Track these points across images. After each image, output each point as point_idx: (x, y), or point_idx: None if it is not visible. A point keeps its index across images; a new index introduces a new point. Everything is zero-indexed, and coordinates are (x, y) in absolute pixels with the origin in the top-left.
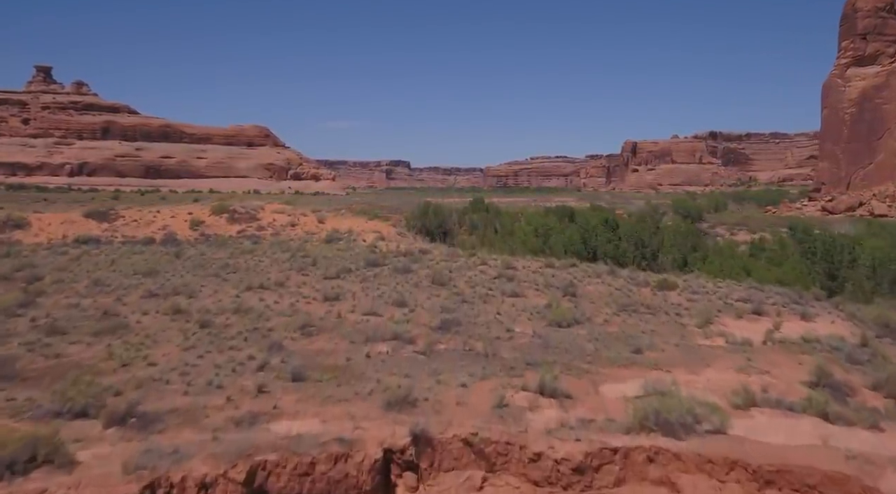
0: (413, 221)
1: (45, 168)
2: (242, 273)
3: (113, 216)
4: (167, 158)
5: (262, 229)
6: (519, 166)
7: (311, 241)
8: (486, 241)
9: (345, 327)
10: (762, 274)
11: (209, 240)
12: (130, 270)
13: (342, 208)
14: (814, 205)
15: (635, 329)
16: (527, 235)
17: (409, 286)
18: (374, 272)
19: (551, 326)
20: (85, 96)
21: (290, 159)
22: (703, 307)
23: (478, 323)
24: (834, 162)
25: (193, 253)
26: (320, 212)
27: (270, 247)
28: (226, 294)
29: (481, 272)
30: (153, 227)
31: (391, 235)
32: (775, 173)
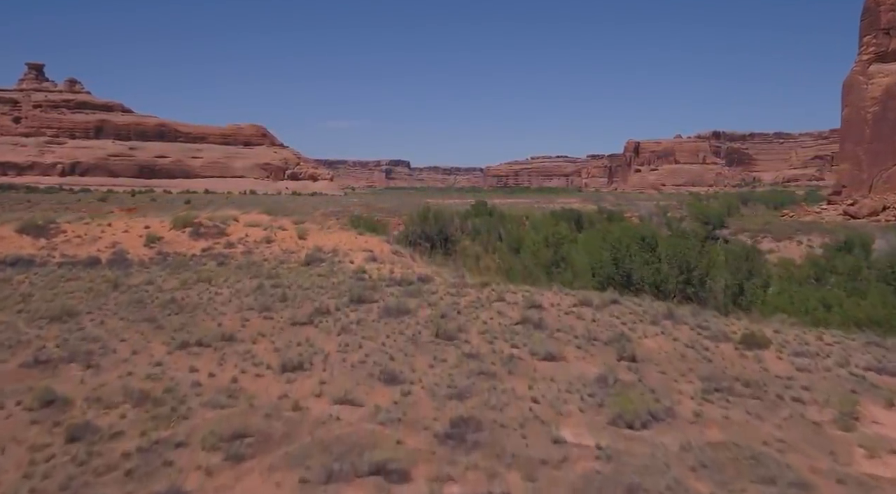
0: (412, 227)
1: (37, 168)
2: (187, 314)
3: (53, 231)
4: (162, 158)
5: (232, 246)
6: (519, 166)
7: (288, 263)
8: (490, 248)
9: (300, 435)
10: (851, 310)
11: (166, 260)
12: (44, 309)
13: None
14: (834, 208)
15: (750, 434)
16: (537, 245)
17: (405, 341)
18: (358, 314)
19: (616, 426)
20: (78, 94)
21: (288, 159)
22: (829, 385)
23: (506, 422)
24: (855, 163)
25: (139, 281)
26: (303, 223)
27: (236, 271)
28: (146, 357)
29: (499, 313)
30: (100, 244)
31: (385, 254)
32: (779, 173)
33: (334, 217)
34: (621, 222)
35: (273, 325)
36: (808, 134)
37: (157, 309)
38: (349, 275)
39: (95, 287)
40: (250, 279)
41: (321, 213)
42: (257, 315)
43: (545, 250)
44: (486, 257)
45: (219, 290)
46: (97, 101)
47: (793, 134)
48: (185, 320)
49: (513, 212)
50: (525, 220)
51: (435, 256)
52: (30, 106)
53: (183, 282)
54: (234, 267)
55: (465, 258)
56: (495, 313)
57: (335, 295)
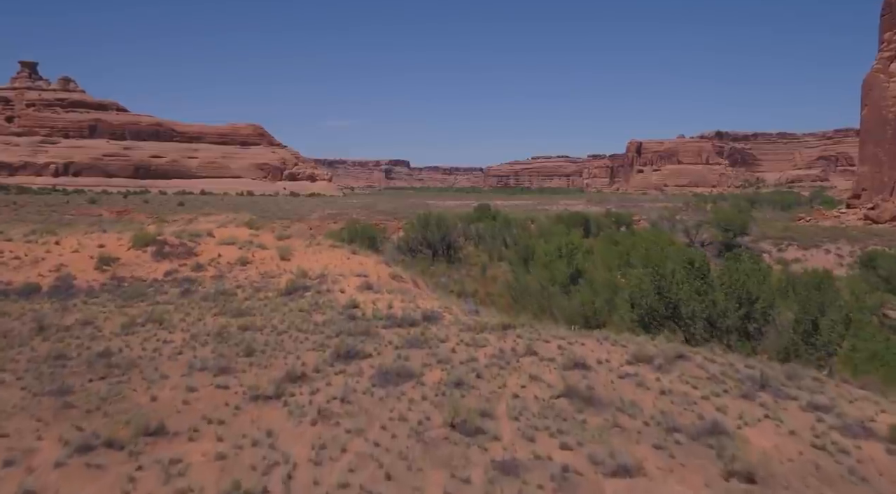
0: (413, 233)
1: (29, 168)
2: (116, 379)
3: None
4: (157, 158)
5: (201, 269)
6: (520, 166)
7: (266, 291)
8: (496, 255)
9: None
10: None
11: (120, 287)
12: None
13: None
14: (854, 213)
15: None
16: (549, 256)
17: (407, 434)
18: (345, 381)
19: None
20: (72, 93)
21: (286, 159)
22: None
23: None
24: (876, 165)
25: (73, 321)
26: (288, 239)
27: (200, 304)
28: (20, 475)
29: (532, 378)
30: (43, 267)
31: (382, 279)
32: (783, 174)
33: (331, 220)
34: (634, 234)
35: (227, 399)
36: (812, 134)
37: (80, 369)
38: (338, 311)
39: (15, 329)
40: (214, 317)
41: (318, 216)
42: (210, 379)
43: (559, 263)
44: (492, 266)
45: (170, 336)
46: (91, 100)
47: (796, 134)
48: (109, 391)
49: (517, 215)
50: (531, 224)
51: (438, 265)
52: (23, 105)
53: (128, 323)
54: (200, 297)
55: (469, 266)
56: (527, 377)
57: (317, 345)
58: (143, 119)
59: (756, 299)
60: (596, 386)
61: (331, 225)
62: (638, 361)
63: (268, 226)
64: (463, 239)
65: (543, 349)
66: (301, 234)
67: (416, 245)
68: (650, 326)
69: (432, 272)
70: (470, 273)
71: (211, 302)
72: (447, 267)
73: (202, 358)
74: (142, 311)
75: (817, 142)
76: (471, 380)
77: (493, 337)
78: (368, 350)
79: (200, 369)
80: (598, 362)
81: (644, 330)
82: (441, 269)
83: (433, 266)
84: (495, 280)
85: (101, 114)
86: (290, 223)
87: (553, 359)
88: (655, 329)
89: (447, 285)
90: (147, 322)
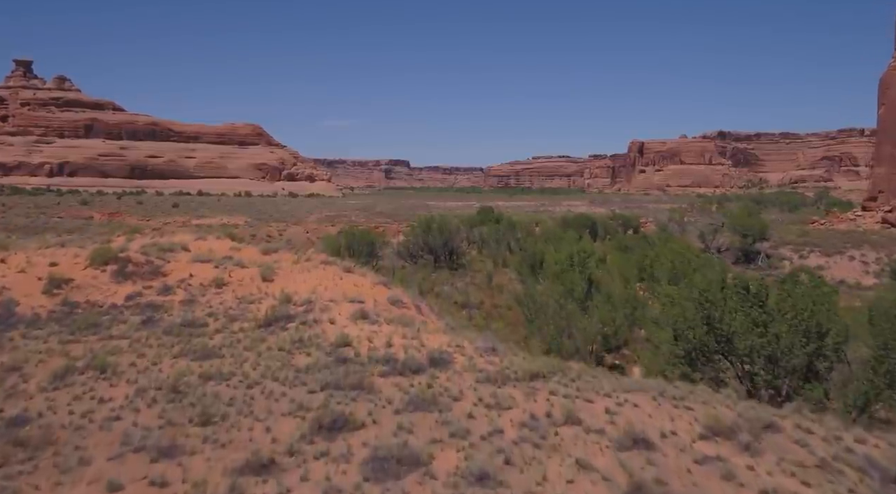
0: (414, 239)
1: (24, 168)
2: (12, 473)
3: None
4: (154, 158)
5: (169, 292)
6: (521, 166)
7: (242, 321)
8: (501, 260)
9: None
10: None
11: (71, 315)
12: None
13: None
14: (871, 216)
15: None
16: (559, 265)
17: None
18: (327, 464)
19: None
20: (67, 92)
21: (284, 159)
22: None
23: None
24: (893, 166)
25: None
26: (275, 253)
27: (160, 340)
28: None
29: (580, 467)
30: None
31: (380, 305)
32: (786, 174)
33: (329, 222)
34: (646, 238)
35: None
36: (816, 134)
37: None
38: (325, 350)
39: None
40: (173, 360)
41: (315, 218)
42: (145, 468)
43: (571, 273)
44: (497, 273)
45: (111, 390)
46: (87, 99)
47: (799, 134)
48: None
49: (520, 217)
50: (535, 227)
51: (440, 272)
52: (17, 104)
53: (63, 372)
54: (162, 329)
55: (473, 273)
56: (573, 465)
57: (295, 408)
58: (140, 118)
59: (826, 332)
60: (669, 480)
61: (328, 228)
62: (715, 435)
63: (263, 228)
64: (466, 243)
65: (587, 412)
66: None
67: (417, 250)
68: (696, 362)
69: (434, 280)
70: (474, 280)
71: (174, 337)
72: (450, 274)
73: (144, 427)
74: (87, 350)
75: (820, 142)
76: (497, 470)
77: (519, 392)
78: (360, 415)
79: (136, 449)
80: (663, 435)
81: (689, 367)
82: (444, 277)
83: (435, 273)
84: (501, 289)
85: (97, 114)
86: (286, 226)
87: (602, 431)
88: (703, 365)
89: (451, 295)
90: (88, 368)
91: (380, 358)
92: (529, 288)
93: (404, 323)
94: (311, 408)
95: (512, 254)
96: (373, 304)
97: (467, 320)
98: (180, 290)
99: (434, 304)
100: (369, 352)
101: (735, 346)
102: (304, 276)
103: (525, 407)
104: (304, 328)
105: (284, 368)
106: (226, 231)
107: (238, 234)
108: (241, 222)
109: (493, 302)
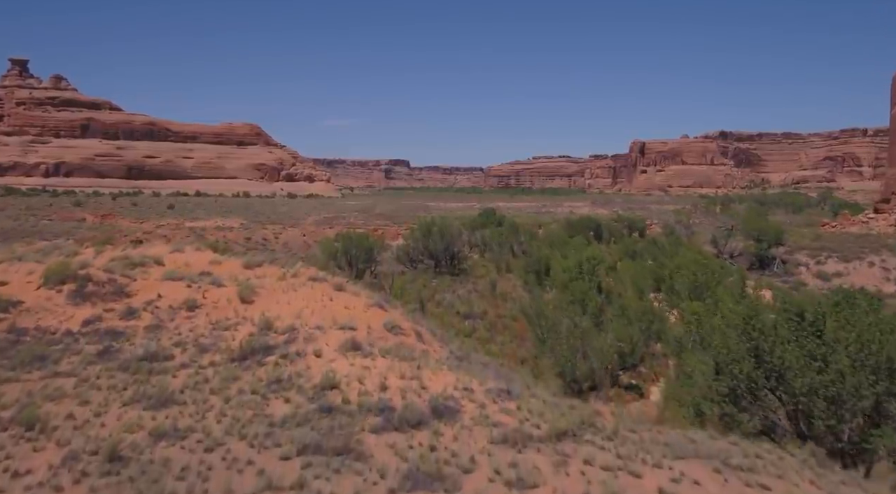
0: (414, 244)
1: (19, 168)
2: None
3: None
4: (151, 158)
5: (133, 316)
6: (521, 166)
7: (214, 353)
8: (504, 265)
9: None
10: None
11: (18, 343)
12: None
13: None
14: (883, 218)
15: None
16: (568, 273)
17: None
18: None
19: None
20: (63, 91)
21: (283, 159)
22: None
23: None
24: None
25: None
26: (259, 267)
27: (113, 379)
28: None
29: None
30: None
31: (374, 333)
32: (788, 175)
33: (327, 225)
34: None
35: None
36: (818, 134)
37: None
38: (307, 394)
39: None
40: (122, 410)
41: (313, 220)
42: None
43: (580, 283)
44: (501, 279)
45: (33, 458)
46: (84, 99)
47: (802, 134)
48: None
49: (522, 219)
50: (539, 230)
51: (441, 278)
52: (12, 103)
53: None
54: (119, 364)
55: (475, 279)
56: None
57: (262, 487)
58: (137, 118)
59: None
60: None
61: (326, 230)
62: None
63: (259, 231)
64: (467, 247)
65: (633, 488)
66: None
67: (417, 255)
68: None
69: (435, 287)
70: (476, 287)
71: (129, 375)
72: (451, 280)
73: None
74: (22, 394)
75: (823, 142)
76: None
77: (545, 460)
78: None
79: None
80: None
81: (734, 405)
82: (445, 283)
83: (436, 279)
84: (506, 297)
85: (94, 113)
86: (282, 228)
87: None
88: (750, 403)
89: (452, 304)
90: (12, 422)
91: (372, 406)
92: (536, 298)
93: (402, 355)
94: (283, 488)
95: (515, 259)
96: (366, 332)
97: (472, 336)
98: (146, 314)
99: (435, 313)
100: (360, 397)
101: (788, 383)
102: (290, 296)
103: (555, 485)
104: (285, 363)
105: (256, 420)
106: (207, 243)
107: (222, 245)
108: (236, 225)
109: (497, 313)
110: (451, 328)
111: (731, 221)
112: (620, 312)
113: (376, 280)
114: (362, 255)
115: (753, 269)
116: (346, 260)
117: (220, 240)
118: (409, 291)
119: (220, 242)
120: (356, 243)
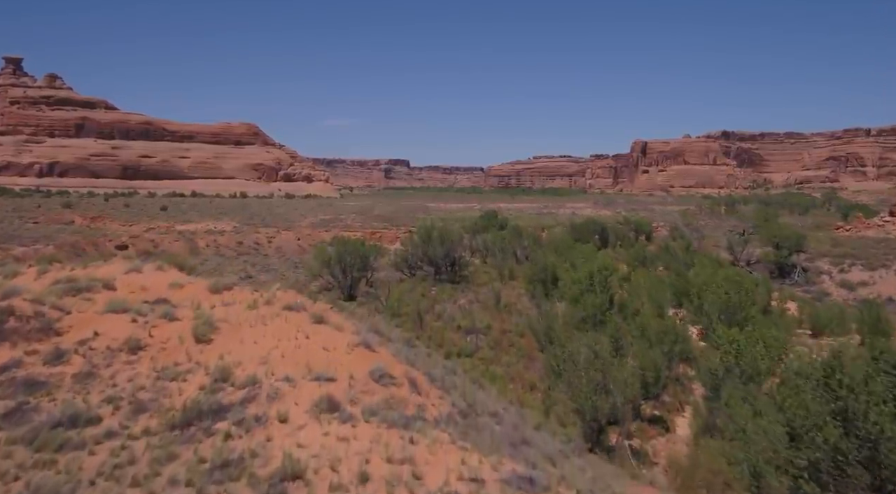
0: (413, 249)
1: (12, 168)
2: None
3: None
4: (147, 158)
5: (60, 360)
6: (521, 166)
7: (151, 416)
8: (507, 273)
9: None
10: None
11: None
12: None
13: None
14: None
15: None
16: (578, 285)
17: None
18: None
19: None
20: (58, 90)
21: (281, 159)
22: None
23: None
24: None
25: None
26: (227, 292)
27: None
28: None
29: None
30: None
31: (357, 382)
32: (791, 175)
33: (323, 227)
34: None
35: None
36: (821, 134)
37: None
38: (261, 489)
39: None
40: None
41: (309, 222)
42: None
43: (592, 296)
44: (505, 288)
45: None
46: (79, 98)
47: (805, 134)
48: None
49: (524, 221)
50: (542, 233)
51: (441, 286)
52: (6, 102)
53: None
54: (28, 431)
55: (477, 287)
56: None
57: None
58: (133, 117)
59: None
60: None
61: (322, 233)
62: None
63: (251, 234)
64: (469, 253)
65: None
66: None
67: (416, 261)
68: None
69: (435, 297)
70: (478, 296)
71: (32, 453)
72: (452, 288)
73: None
74: None
75: (826, 142)
76: None
77: None
78: None
79: None
80: None
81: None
82: (445, 292)
83: (435, 287)
84: (510, 309)
85: (89, 113)
86: (276, 232)
87: None
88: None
89: (453, 316)
90: None
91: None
92: (545, 313)
93: (391, 419)
94: None
95: (519, 265)
96: (347, 384)
97: (474, 357)
98: (77, 357)
99: (434, 327)
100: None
101: (886, 456)
102: (257, 332)
103: None
104: (239, 432)
105: None
106: (171, 259)
107: (188, 263)
108: (228, 228)
109: (501, 327)
110: (452, 346)
111: (740, 224)
112: (640, 333)
113: (372, 289)
114: (357, 263)
115: (773, 278)
116: (340, 269)
117: (221, 237)
118: (406, 302)
119: (186, 260)
120: (351, 250)
